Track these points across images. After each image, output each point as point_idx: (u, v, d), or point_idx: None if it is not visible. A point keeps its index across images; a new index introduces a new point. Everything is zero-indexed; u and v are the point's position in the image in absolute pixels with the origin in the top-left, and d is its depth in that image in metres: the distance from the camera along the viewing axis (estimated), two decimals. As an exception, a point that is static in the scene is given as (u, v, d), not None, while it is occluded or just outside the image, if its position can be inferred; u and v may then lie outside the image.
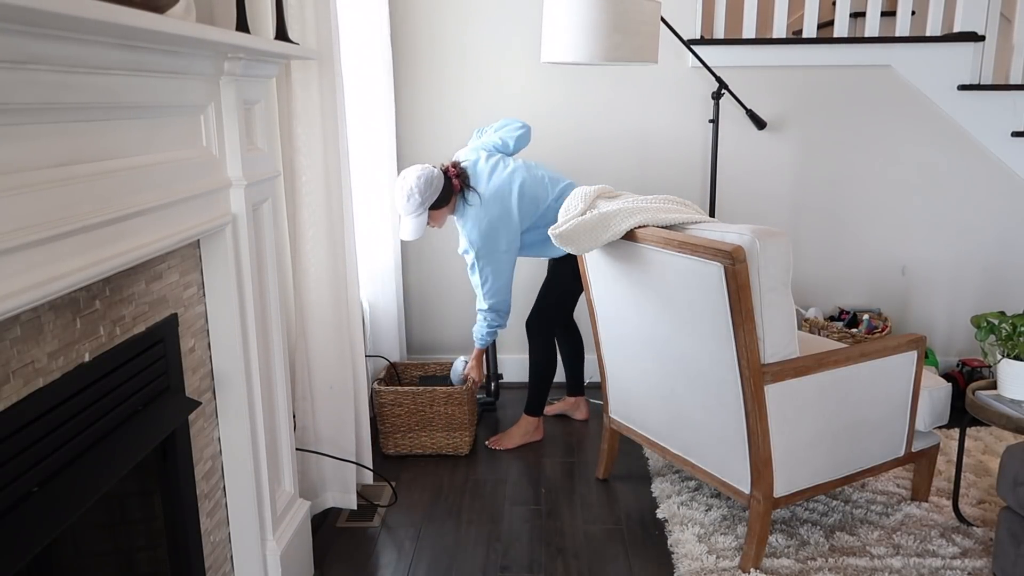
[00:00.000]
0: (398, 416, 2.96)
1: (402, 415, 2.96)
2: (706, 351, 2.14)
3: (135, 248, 1.36)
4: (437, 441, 2.98)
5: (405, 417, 2.96)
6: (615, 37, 2.62)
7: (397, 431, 2.97)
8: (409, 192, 2.71)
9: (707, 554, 2.28)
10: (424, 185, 2.70)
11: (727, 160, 3.51)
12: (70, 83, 1.18)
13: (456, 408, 2.93)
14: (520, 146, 2.99)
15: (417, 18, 3.39)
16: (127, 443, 1.45)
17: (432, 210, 2.76)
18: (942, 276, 3.63)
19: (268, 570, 2.00)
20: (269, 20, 2.21)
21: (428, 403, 2.93)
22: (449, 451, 2.99)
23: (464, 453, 3.00)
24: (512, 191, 2.78)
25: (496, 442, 3.08)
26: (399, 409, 2.95)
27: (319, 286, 2.37)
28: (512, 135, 2.97)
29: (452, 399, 2.92)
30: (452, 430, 2.96)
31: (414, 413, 2.95)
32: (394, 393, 2.94)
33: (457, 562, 2.32)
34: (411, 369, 3.29)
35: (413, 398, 2.94)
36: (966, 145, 3.47)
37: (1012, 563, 1.99)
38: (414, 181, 2.71)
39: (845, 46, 3.38)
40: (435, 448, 2.99)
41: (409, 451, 3.00)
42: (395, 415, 2.95)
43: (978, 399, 2.35)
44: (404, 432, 2.97)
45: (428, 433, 2.97)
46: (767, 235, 2.00)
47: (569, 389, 3.31)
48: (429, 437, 2.98)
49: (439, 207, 2.77)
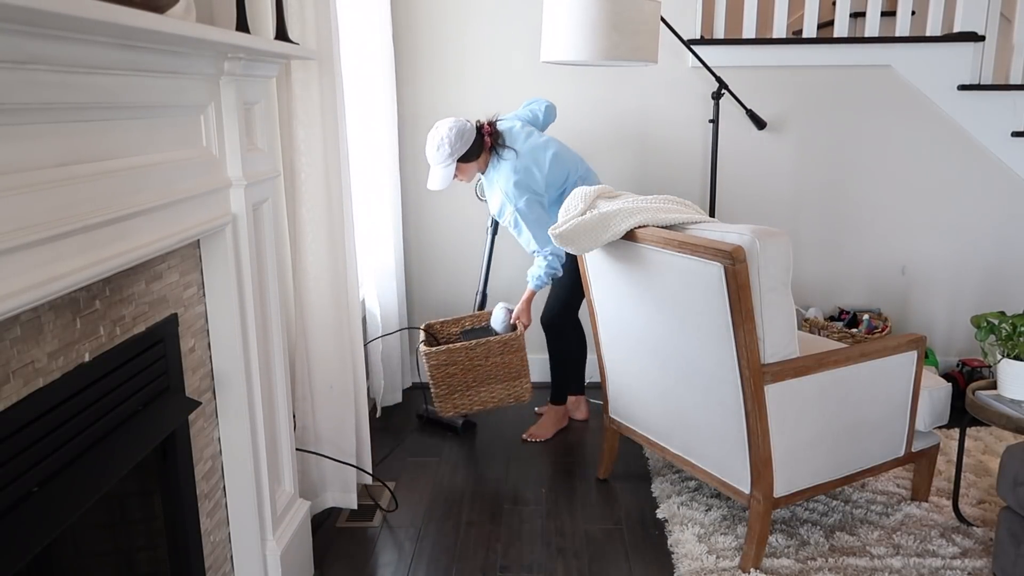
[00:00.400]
0: (453, 376, 2.78)
1: (457, 373, 2.78)
2: (706, 351, 2.14)
3: (135, 248, 1.36)
4: (497, 393, 2.83)
5: (461, 375, 2.78)
6: (615, 37, 2.62)
7: (454, 391, 2.80)
8: (440, 142, 2.75)
9: (707, 554, 2.28)
10: (455, 136, 2.74)
11: (727, 160, 3.51)
12: (70, 83, 1.18)
13: (513, 356, 2.79)
14: (548, 120, 3.09)
15: (418, 18, 3.40)
16: (127, 443, 1.45)
17: (461, 162, 2.79)
18: (942, 276, 3.63)
19: (268, 570, 2.00)
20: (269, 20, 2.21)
21: (484, 356, 2.76)
22: (510, 402, 2.85)
23: (525, 400, 2.88)
24: (547, 154, 2.85)
25: (532, 435, 3.12)
26: (453, 368, 2.77)
27: (319, 286, 2.37)
28: (541, 107, 3.08)
29: (508, 347, 2.78)
30: (512, 379, 2.82)
31: (470, 370, 2.78)
32: (446, 352, 2.74)
33: (457, 562, 2.32)
34: (447, 327, 3.12)
35: (467, 354, 2.76)
36: (966, 145, 3.47)
37: (1012, 563, 1.99)
38: (446, 131, 2.75)
39: (845, 46, 3.38)
40: (495, 401, 2.85)
41: (469, 409, 2.85)
42: (450, 375, 2.77)
43: (978, 399, 2.35)
44: (462, 391, 2.80)
45: (487, 387, 2.81)
46: (767, 235, 2.00)
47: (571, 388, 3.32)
48: (488, 391, 2.81)
49: (468, 160, 2.80)
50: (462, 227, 3.57)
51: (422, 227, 3.60)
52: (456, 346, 2.77)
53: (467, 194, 3.51)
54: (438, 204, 3.57)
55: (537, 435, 3.13)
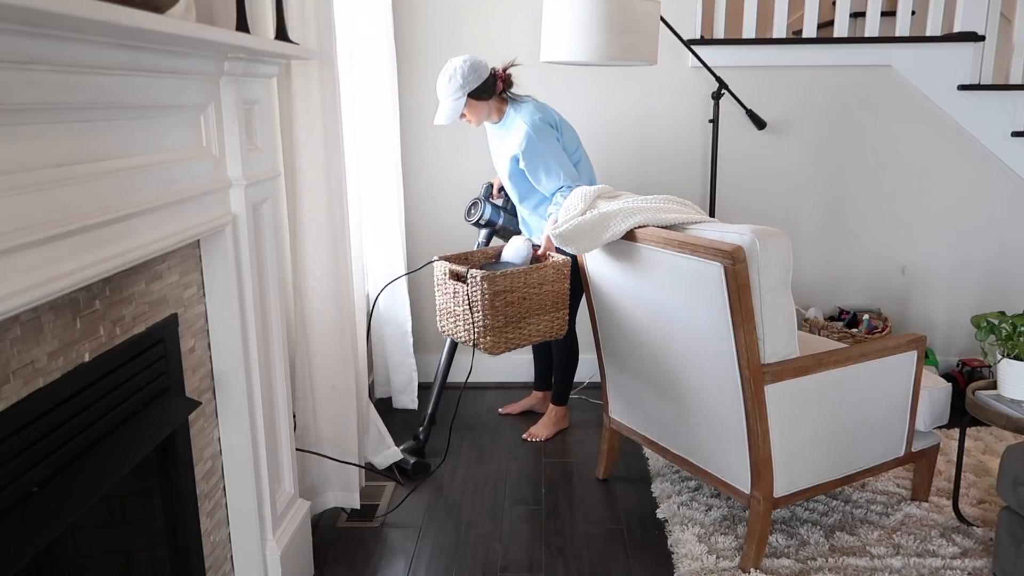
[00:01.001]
0: (510, 304, 2.55)
1: (514, 302, 2.55)
2: (706, 351, 2.14)
3: (135, 248, 1.36)
4: (542, 326, 2.65)
5: (516, 304, 2.56)
6: (614, 37, 2.62)
7: (508, 324, 2.56)
8: (452, 73, 2.73)
9: (707, 554, 2.28)
10: (468, 69, 2.73)
11: (727, 160, 3.51)
12: (70, 83, 1.18)
13: (561, 284, 2.64)
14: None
15: (420, 17, 3.40)
16: (127, 443, 1.45)
17: (471, 99, 2.77)
18: (942, 276, 3.63)
19: (268, 570, 2.00)
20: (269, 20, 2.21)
21: (538, 283, 2.59)
22: (548, 337, 2.70)
23: (562, 336, 2.75)
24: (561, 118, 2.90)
25: (532, 435, 3.14)
26: (512, 296, 2.54)
27: (320, 286, 2.37)
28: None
29: (560, 274, 2.62)
30: (556, 310, 2.66)
31: (525, 298, 2.57)
32: (509, 277, 2.50)
33: (457, 562, 2.32)
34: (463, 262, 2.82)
35: (525, 279, 2.55)
36: (966, 145, 3.47)
37: (1012, 563, 1.99)
38: (460, 63, 2.74)
39: (845, 46, 3.38)
40: (539, 335, 2.67)
41: (516, 344, 2.64)
42: (508, 304, 2.54)
43: (978, 399, 2.35)
44: (514, 324, 2.57)
45: (535, 319, 2.62)
46: (767, 235, 2.00)
47: (536, 384, 3.38)
48: (535, 323, 2.63)
49: (479, 98, 2.78)
50: (463, 226, 3.57)
51: (424, 227, 3.60)
52: (514, 271, 2.53)
53: (472, 194, 3.51)
54: (439, 204, 3.57)
55: (537, 435, 3.13)
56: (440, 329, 2.80)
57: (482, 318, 2.55)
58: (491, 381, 3.71)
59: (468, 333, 2.63)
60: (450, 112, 2.77)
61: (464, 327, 2.65)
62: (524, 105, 2.85)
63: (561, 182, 2.76)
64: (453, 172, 3.54)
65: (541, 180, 2.79)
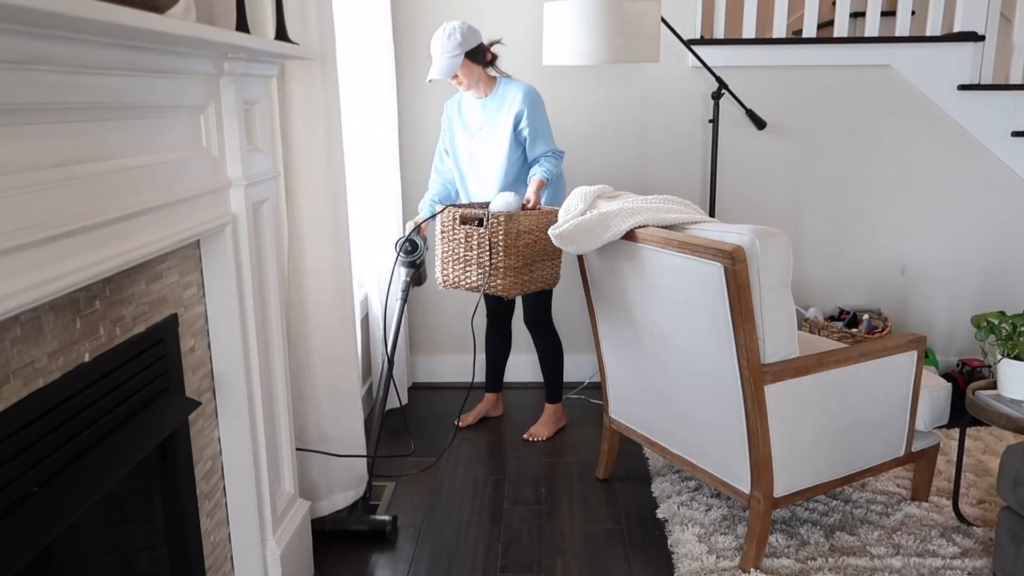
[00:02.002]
0: (528, 246, 2.59)
1: (530, 244, 2.60)
2: (706, 351, 2.14)
3: (135, 248, 1.36)
4: (546, 273, 2.70)
5: (530, 247, 2.61)
6: (615, 40, 2.62)
7: (524, 265, 2.59)
8: (452, 31, 2.79)
9: (707, 554, 2.28)
10: (467, 30, 2.80)
11: (727, 160, 3.51)
12: (70, 83, 1.18)
13: None
14: None
15: (419, 18, 3.39)
16: (127, 443, 1.45)
17: (467, 58, 2.81)
18: (942, 276, 3.63)
19: (268, 570, 2.00)
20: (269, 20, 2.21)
21: (547, 227, 2.59)
22: (547, 284, 2.76)
23: (555, 285, 2.81)
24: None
25: (532, 435, 3.14)
26: (530, 237, 2.57)
27: (321, 285, 2.37)
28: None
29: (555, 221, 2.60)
30: (552, 259, 2.72)
31: (536, 241, 2.62)
32: (528, 218, 2.52)
33: (457, 562, 2.32)
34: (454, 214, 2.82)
35: (538, 222, 2.57)
36: (966, 145, 3.47)
37: (1012, 563, 1.99)
38: (457, 23, 2.81)
39: (845, 46, 3.38)
40: (542, 282, 2.72)
41: (526, 288, 2.68)
42: (526, 245, 2.57)
43: (978, 399, 2.35)
44: (527, 267, 2.62)
45: (539, 265, 2.66)
46: (767, 235, 2.00)
47: (489, 386, 3.34)
48: (539, 270, 2.67)
49: (474, 60, 2.84)
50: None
51: (422, 227, 3.59)
52: (529, 213, 2.56)
53: (467, 194, 3.51)
54: (438, 204, 3.57)
55: (537, 435, 3.13)
56: (442, 280, 2.79)
57: (503, 258, 2.57)
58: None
59: (481, 278, 2.63)
60: (446, 67, 2.79)
61: (478, 271, 2.65)
62: (512, 79, 2.96)
63: (551, 146, 2.91)
64: (453, 172, 3.54)
65: (537, 141, 2.89)
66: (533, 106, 2.87)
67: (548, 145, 2.91)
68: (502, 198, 2.83)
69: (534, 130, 2.87)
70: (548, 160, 2.89)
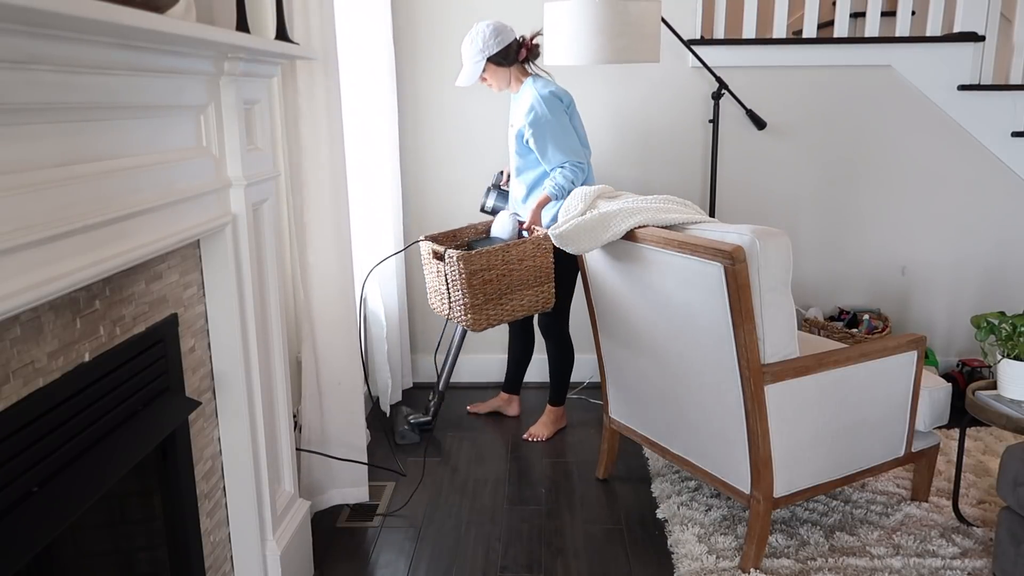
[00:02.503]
0: (489, 283, 2.64)
1: (493, 280, 2.64)
2: (706, 351, 2.14)
3: (135, 248, 1.36)
4: (526, 301, 2.72)
5: (496, 281, 2.65)
6: (615, 40, 2.61)
7: (488, 301, 2.65)
8: (475, 36, 2.77)
9: (707, 554, 2.28)
10: (491, 33, 2.76)
11: (727, 160, 3.51)
12: (70, 83, 1.18)
13: (543, 258, 2.70)
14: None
15: (419, 18, 3.39)
16: (127, 443, 1.45)
17: (491, 63, 2.80)
18: (942, 276, 3.63)
19: (268, 570, 2.00)
20: (270, 20, 2.21)
21: (518, 259, 2.65)
22: (536, 309, 2.77)
23: (550, 307, 2.81)
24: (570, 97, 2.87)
25: (532, 435, 3.14)
26: (490, 274, 2.62)
27: (325, 283, 2.37)
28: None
29: (540, 248, 2.67)
30: (540, 284, 2.72)
31: (505, 275, 2.65)
32: (484, 256, 2.57)
33: (457, 562, 2.32)
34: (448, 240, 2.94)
35: (503, 256, 2.62)
36: (966, 145, 3.47)
37: (1012, 563, 1.99)
38: (484, 27, 2.78)
39: (845, 46, 3.38)
40: (524, 309, 2.75)
41: (500, 320, 2.73)
42: (486, 282, 2.63)
43: (978, 399, 2.35)
44: (495, 300, 2.67)
45: (518, 295, 2.70)
46: (767, 235, 2.00)
47: (507, 387, 3.35)
48: (519, 298, 2.71)
49: (499, 64, 2.80)
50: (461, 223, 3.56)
51: (423, 225, 3.60)
52: (492, 249, 2.59)
53: (469, 192, 3.51)
54: (439, 203, 3.57)
55: (537, 435, 3.13)
56: (431, 306, 2.90)
57: (461, 296, 2.60)
58: (493, 381, 3.70)
59: (451, 311, 2.70)
60: (469, 74, 2.81)
61: (449, 304, 2.72)
62: (540, 80, 2.88)
63: (565, 157, 2.76)
64: (451, 171, 3.54)
65: (548, 153, 2.78)
66: (537, 119, 2.76)
67: (562, 156, 2.77)
68: (500, 220, 2.89)
69: (541, 142, 2.78)
70: (561, 174, 2.76)
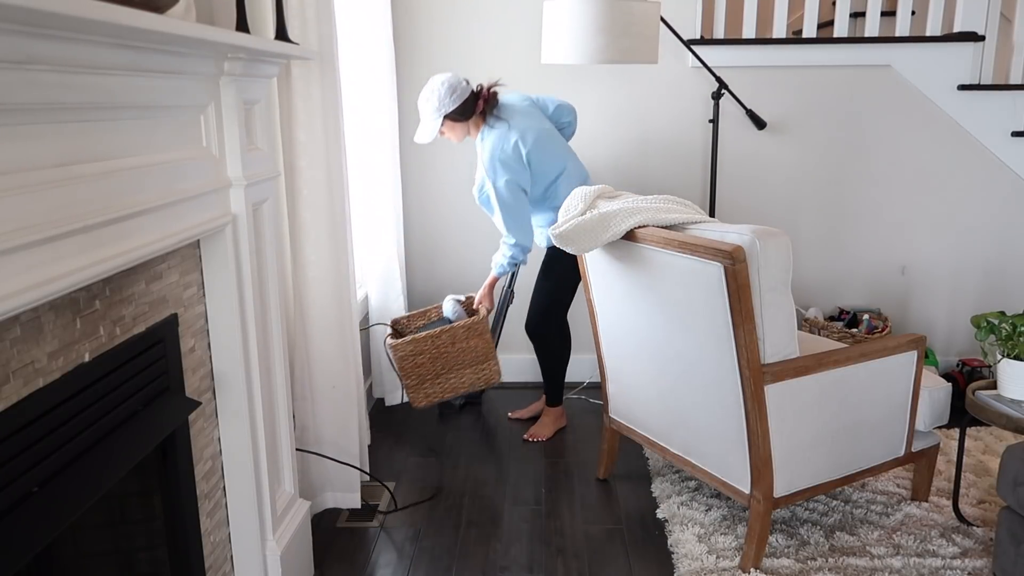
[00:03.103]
0: (421, 365, 2.83)
1: (425, 363, 2.83)
2: (706, 351, 2.14)
3: (135, 248, 1.36)
4: (467, 378, 2.88)
5: (429, 364, 2.83)
6: (614, 39, 2.62)
7: (424, 381, 2.85)
8: (429, 95, 2.76)
9: (707, 554, 2.28)
10: (445, 92, 2.74)
11: (727, 160, 3.51)
12: (70, 83, 1.18)
13: (479, 339, 2.84)
14: (559, 116, 3.03)
15: (419, 18, 3.39)
16: (127, 443, 1.45)
17: (449, 119, 2.78)
18: (942, 276, 3.63)
19: (268, 570, 2.00)
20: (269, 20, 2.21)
21: (449, 342, 2.82)
22: (481, 385, 2.90)
23: (496, 381, 2.93)
24: (540, 137, 2.79)
25: (532, 435, 3.13)
26: (421, 358, 2.82)
27: (321, 285, 2.37)
28: (554, 100, 3.03)
29: (472, 331, 2.82)
30: (480, 363, 2.86)
31: (437, 358, 2.83)
32: (412, 343, 2.80)
33: (457, 562, 2.32)
34: (413, 321, 3.20)
35: (432, 341, 2.81)
36: (966, 145, 3.47)
37: (1012, 563, 1.99)
38: (438, 85, 2.75)
39: (845, 46, 3.38)
40: (466, 386, 2.90)
41: (441, 398, 2.90)
42: (418, 365, 2.83)
43: (978, 399, 2.35)
44: (432, 380, 2.85)
45: (456, 374, 2.86)
46: (767, 235, 2.00)
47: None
48: (458, 377, 2.87)
49: (456, 119, 2.78)
50: (464, 225, 3.57)
51: (424, 226, 3.60)
52: (421, 335, 2.80)
53: (468, 191, 3.51)
54: (440, 203, 3.57)
55: (537, 435, 3.13)
56: None
57: (399, 377, 2.84)
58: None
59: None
60: (428, 131, 2.80)
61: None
62: (492, 135, 2.78)
63: (515, 238, 2.79)
64: (451, 173, 3.54)
65: (504, 221, 2.80)
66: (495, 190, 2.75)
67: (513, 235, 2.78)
68: (447, 304, 3.05)
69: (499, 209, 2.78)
70: (505, 254, 2.80)
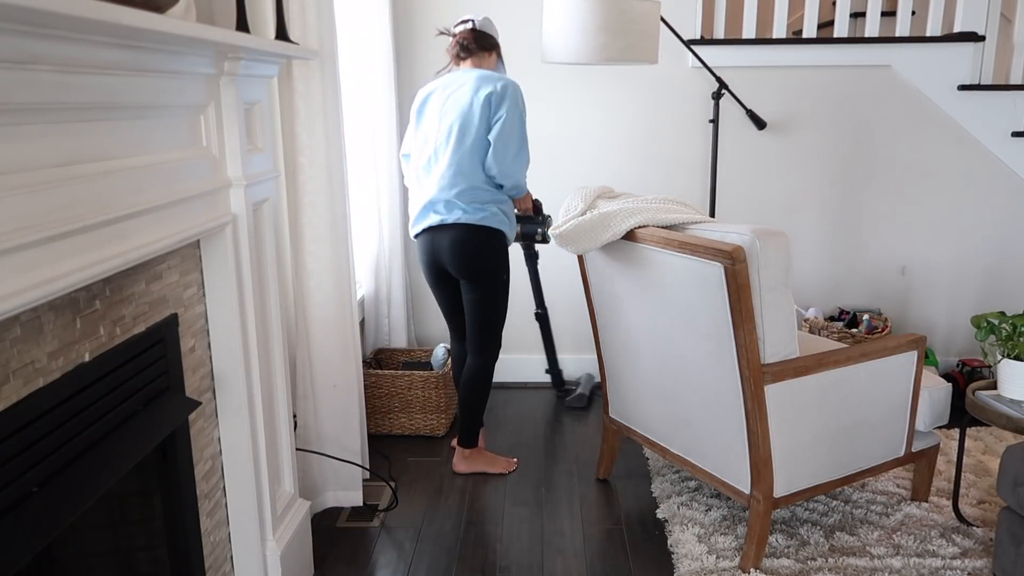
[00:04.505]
0: (379, 398, 3.10)
1: (383, 396, 3.10)
2: (706, 351, 2.14)
3: (135, 248, 1.36)
4: (415, 422, 3.13)
5: (386, 399, 3.10)
6: (614, 38, 2.61)
7: (378, 411, 3.12)
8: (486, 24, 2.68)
9: (707, 554, 2.28)
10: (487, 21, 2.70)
11: (727, 160, 3.51)
12: (70, 83, 1.18)
13: (433, 392, 3.08)
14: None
15: (419, 17, 3.39)
16: (127, 443, 1.45)
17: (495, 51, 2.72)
18: (942, 276, 3.63)
19: (268, 570, 2.00)
20: (269, 20, 2.21)
21: (407, 386, 3.08)
22: (425, 432, 3.13)
23: (440, 435, 3.13)
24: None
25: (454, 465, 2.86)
26: (379, 391, 3.09)
27: (321, 285, 2.37)
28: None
29: (429, 383, 3.07)
30: (428, 412, 3.10)
31: (394, 395, 3.10)
32: (375, 376, 3.08)
33: (457, 562, 2.32)
34: (397, 355, 3.39)
35: (393, 381, 3.08)
36: (966, 145, 3.47)
37: (1012, 563, 1.99)
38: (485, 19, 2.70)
39: (845, 46, 3.38)
40: (413, 429, 3.14)
41: (389, 431, 3.15)
42: (376, 396, 3.11)
43: (978, 399, 2.35)
44: (384, 413, 3.12)
45: (407, 415, 3.12)
46: (767, 235, 2.00)
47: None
48: (408, 418, 3.12)
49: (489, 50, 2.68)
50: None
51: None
52: (384, 372, 3.10)
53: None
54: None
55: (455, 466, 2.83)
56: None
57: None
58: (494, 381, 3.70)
59: None
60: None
61: None
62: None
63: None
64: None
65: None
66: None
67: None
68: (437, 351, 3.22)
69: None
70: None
